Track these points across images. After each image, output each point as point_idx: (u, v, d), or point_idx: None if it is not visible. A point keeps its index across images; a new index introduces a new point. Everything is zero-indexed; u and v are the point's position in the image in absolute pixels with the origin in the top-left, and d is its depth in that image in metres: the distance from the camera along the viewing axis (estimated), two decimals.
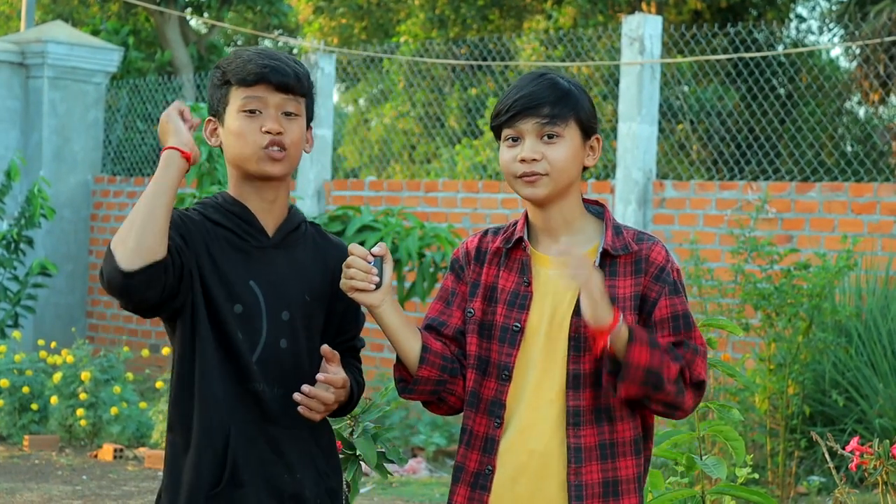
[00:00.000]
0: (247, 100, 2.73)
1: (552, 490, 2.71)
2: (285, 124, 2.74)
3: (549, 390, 2.73)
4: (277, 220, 2.81)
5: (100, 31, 17.68)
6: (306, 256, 2.82)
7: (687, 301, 2.78)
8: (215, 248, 2.73)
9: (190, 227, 2.71)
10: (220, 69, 2.78)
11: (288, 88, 2.74)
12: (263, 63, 2.73)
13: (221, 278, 2.72)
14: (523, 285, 2.77)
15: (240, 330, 2.72)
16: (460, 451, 2.80)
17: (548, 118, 2.72)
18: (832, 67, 15.33)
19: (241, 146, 2.74)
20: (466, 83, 14.52)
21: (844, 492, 4.10)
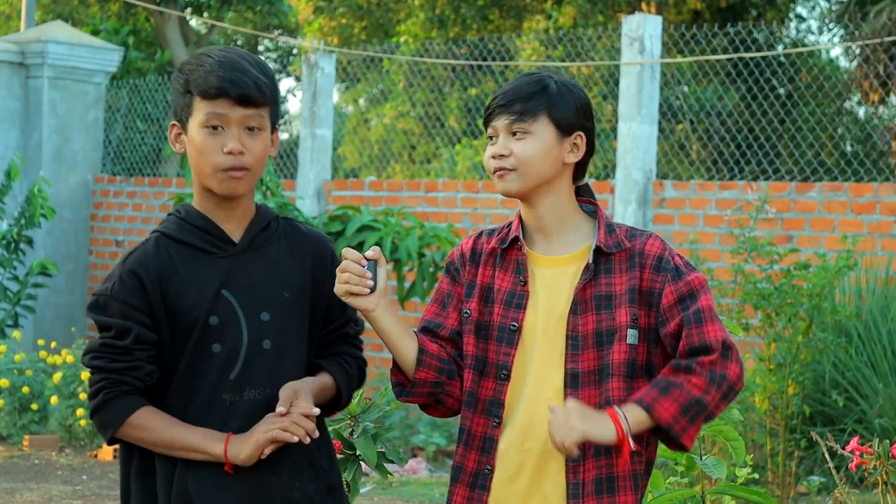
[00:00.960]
0: (209, 115, 2.69)
1: (550, 489, 2.72)
2: (248, 142, 2.70)
3: (548, 389, 2.73)
4: (242, 223, 2.79)
5: (100, 31, 17.67)
6: (279, 254, 2.80)
7: (699, 274, 2.74)
8: (183, 269, 2.73)
9: (140, 296, 2.70)
10: (184, 75, 2.72)
11: (250, 102, 2.69)
12: (225, 76, 2.67)
13: (195, 296, 2.71)
14: (520, 285, 2.77)
15: (218, 341, 2.71)
16: (458, 450, 2.80)
17: (516, 114, 2.75)
18: (832, 67, 15.33)
19: (203, 164, 2.71)
20: (466, 83, 14.52)
21: (844, 492, 4.10)
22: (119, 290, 2.70)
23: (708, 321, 2.66)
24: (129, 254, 2.77)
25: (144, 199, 12.15)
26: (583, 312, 2.73)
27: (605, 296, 2.73)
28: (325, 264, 2.84)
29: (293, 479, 2.75)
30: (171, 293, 2.70)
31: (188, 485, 2.69)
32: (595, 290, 2.74)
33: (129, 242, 12.21)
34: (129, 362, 2.69)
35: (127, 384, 2.69)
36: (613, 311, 2.72)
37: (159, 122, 13.72)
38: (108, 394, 2.69)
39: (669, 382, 2.64)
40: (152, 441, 2.69)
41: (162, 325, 2.70)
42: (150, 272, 2.71)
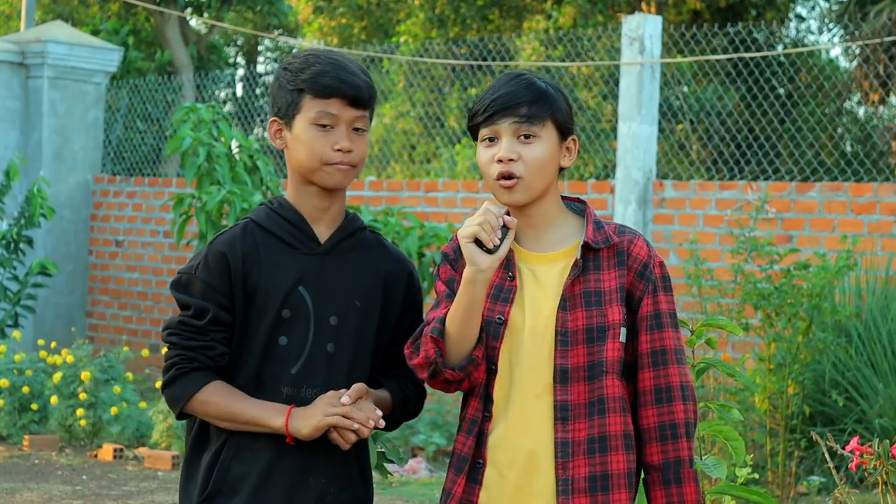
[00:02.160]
0: (320, 113, 2.77)
1: (540, 485, 2.73)
2: (355, 141, 2.79)
3: (537, 385, 2.74)
4: (331, 226, 2.85)
5: (100, 31, 17.68)
6: (360, 263, 2.85)
7: (672, 297, 2.81)
8: (266, 257, 2.79)
9: (223, 277, 2.78)
10: (292, 73, 2.79)
11: (361, 103, 2.78)
12: (339, 76, 2.76)
13: (274, 285, 2.77)
14: (507, 279, 2.79)
15: (286, 335, 2.77)
16: (459, 438, 2.81)
17: (525, 118, 2.74)
18: (832, 67, 15.33)
19: (310, 158, 2.78)
20: (466, 83, 14.52)
21: (844, 492, 4.10)
22: (203, 269, 2.78)
23: (671, 363, 2.76)
24: (217, 236, 2.84)
25: (144, 199, 12.15)
26: (572, 308, 2.74)
27: (594, 291, 2.75)
28: (401, 284, 2.90)
29: (330, 484, 2.79)
30: (251, 278, 2.77)
31: (231, 470, 2.76)
32: (584, 286, 2.76)
33: (129, 242, 12.21)
34: (204, 342, 2.77)
35: (199, 362, 2.77)
36: (604, 307, 2.74)
37: (159, 122, 13.72)
38: (181, 369, 2.77)
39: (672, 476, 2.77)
40: (216, 414, 2.76)
41: (238, 308, 2.77)
42: (236, 254, 2.78)
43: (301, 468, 2.76)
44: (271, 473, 2.76)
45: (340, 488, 2.80)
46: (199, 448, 2.82)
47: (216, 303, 2.76)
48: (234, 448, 2.76)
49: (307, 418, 2.71)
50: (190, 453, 2.83)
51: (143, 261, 12.11)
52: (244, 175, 8.87)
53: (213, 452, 2.78)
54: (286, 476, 2.76)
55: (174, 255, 11.84)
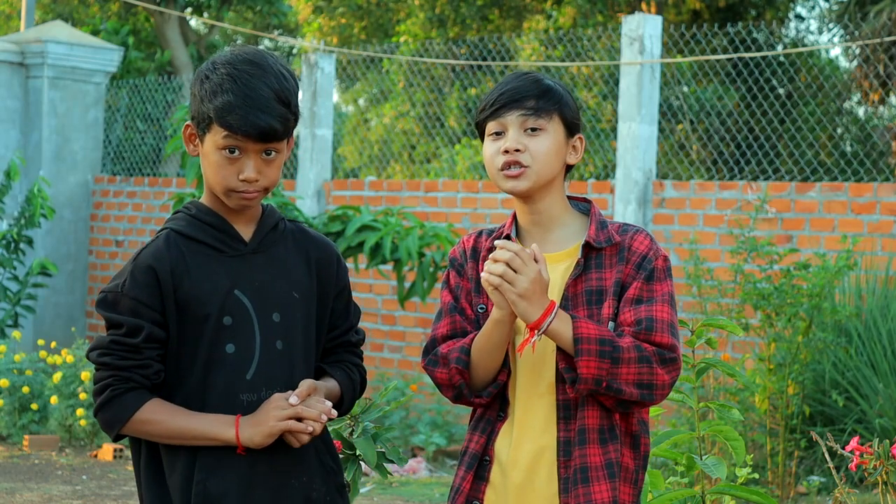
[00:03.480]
0: (227, 139, 2.66)
1: (543, 483, 2.74)
2: (264, 167, 2.69)
3: (541, 385, 2.76)
4: (252, 223, 2.78)
5: (100, 31, 17.68)
6: (287, 254, 2.80)
7: (669, 284, 2.77)
8: (195, 265, 2.72)
9: (153, 293, 2.69)
10: (206, 93, 2.67)
11: (272, 139, 2.68)
12: (246, 116, 2.63)
13: (207, 293, 2.70)
14: None
15: (232, 341, 2.70)
16: (472, 437, 2.82)
17: (532, 110, 2.76)
18: (832, 67, 15.33)
19: (216, 182, 2.70)
20: (466, 83, 14.52)
21: (844, 492, 4.10)
22: (131, 286, 2.69)
23: (657, 331, 2.69)
24: (140, 250, 2.75)
25: (144, 199, 12.15)
26: (573, 307, 2.75)
27: (595, 290, 2.76)
28: (331, 268, 2.84)
29: (311, 481, 2.76)
30: (182, 290, 2.69)
31: (209, 490, 2.68)
32: (586, 284, 2.77)
33: (129, 242, 12.22)
34: (139, 360, 2.68)
35: (135, 381, 2.68)
36: (603, 305, 2.75)
37: (159, 122, 13.72)
38: (115, 390, 2.68)
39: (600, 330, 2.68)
40: (161, 433, 2.68)
41: (171, 322, 2.69)
42: (164, 267, 2.69)
43: (280, 473, 2.72)
44: (252, 485, 2.70)
45: (322, 482, 2.78)
46: (158, 471, 2.73)
47: (149, 319, 2.67)
48: (207, 467, 2.68)
49: (258, 426, 2.65)
50: (149, 479, 2.73)
51: None
52: None
53: (180, 473, 2.69)
54: (267, 485, 2.72)
55: None
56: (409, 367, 10.01)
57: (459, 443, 8.51)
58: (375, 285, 10.31)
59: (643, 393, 2.67)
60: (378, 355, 10.19)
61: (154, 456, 2.73)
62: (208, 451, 2.68)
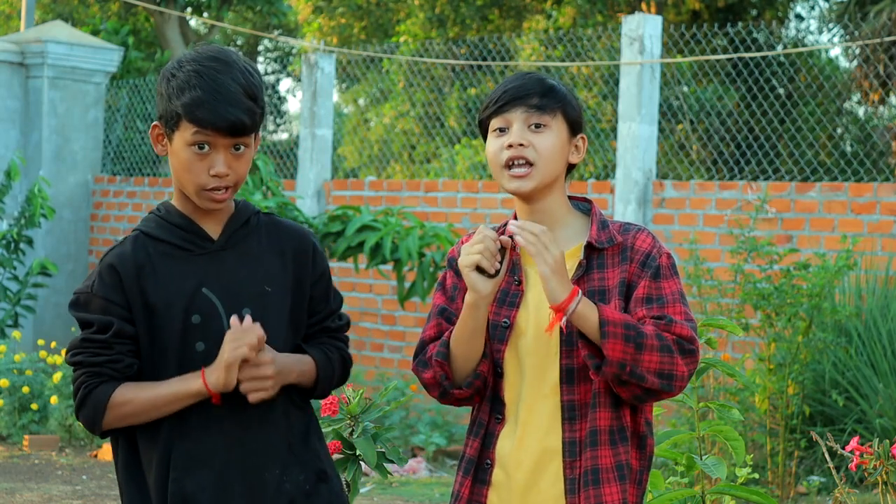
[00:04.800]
0: (196, 135, 2.68)
1: (549, 484, 2.74)
2: (233, 162, 2.71)
3: (544, 386, 2.76)
4: (221, 220, 2.80)
5: (100, 31, 17.68)
6: (260, 249, 2.81)
7: (677, 281, 2.77)
8: (161, 266, 2.75)
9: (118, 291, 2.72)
10: (173, 91, 2.70)
11: (240, 132, 2.70)
12: (215, 109, 2.66)
13: (173, 294, 2.73)
14: (514, 284, 2.80)
15: (202, 339, 2.72)
16: (468, 441, 2.82)
17: (536, 107, 2.76)
18: (832, 67, 15.33)
19: (187, 180, 2.72)
20: (466, 83, 14.52)
21: (844, 492, 4.10)
22: (98, 286, 2.73)
23: (677, 324, 2.69)
24: (107, 252, 2.79)
25: (144, 199, 12.15)
26: None
27: (598, 290, 2.75)
28: (307, 257, 2.85)
29: (283, 473, 2.76)
30: (148, 290, 2.73)
31: (185, 487, 2.70)
32: (588, 285, 2.76)
33: None
34: (109, 355, 2.72)
35: (106, 375, 2.72)
36: (607, 304, 2.74)
37: None
38: (88, 387, 2.72)
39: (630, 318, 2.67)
40: (136, 411, 2.71)
41: (139, 322, 2.73)
42: (128, 268, 2.73)
43: (253, 468, 2.74)
44: (226, 481, 2.72)
45: (297, 471, 2.78)
46: (136, 471, 2.76)
47: (118, 316, 2.71)
48: (181, 464, 2.71)
49: (216, 367, 2.68)
50: (128, 478, 2.77)
51: None
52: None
53: (156, 471, 2.73)
54: (242, 480, 2.73)
55: None
56: (409, 367, 10.00)
57: (459, 443, 8.51)
58: (375, 285, 10.31)
59: (663, 383, 2.66)
60: (378, 355, 10.19)
61: (133, 453, 2.76)
62: (182, 449, 2.71)
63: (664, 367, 2.65)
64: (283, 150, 15.55)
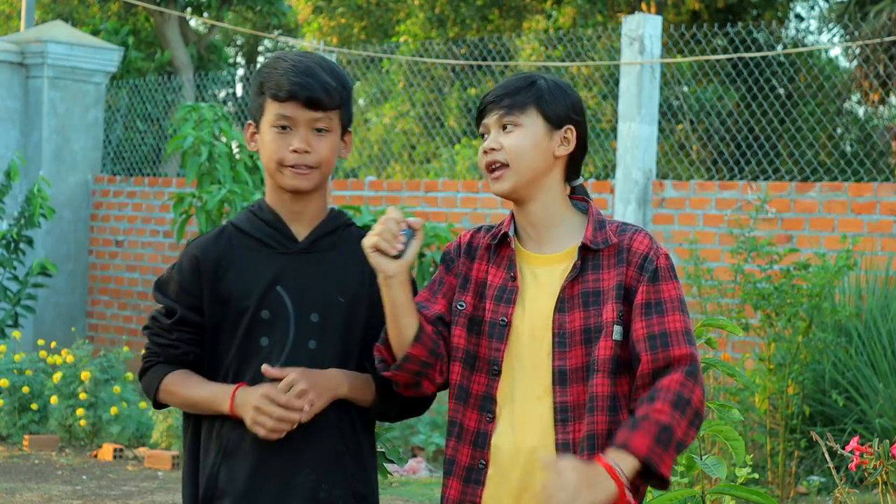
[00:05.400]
0: (278, 116, 2.80)
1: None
2: (314, 142, 2.80)
3: (537, 386, 2.74)
4: (310, 225, 2.87)
5: (100, 31, 17.68)
6: (342, 258, 2.86)
7: (676, 285, 2.75)
8: (242, 259, 2.84)
9: (194, 280, 2.83)
10: (259, 77, 2.84)
11: (318, 105, 2.79)
12: (295, 80, 2.77)
13: (249, 287, 2.81)
14: (510, 280, 2.78)
15: (268, 335, 2.79)
16: (451, 444, 2.79)
17: (506, 108, 2.77)
18: (832, 67, 15.34)
19: (269, 160, 2.82)
20: (466, 83, 14.52)
21: (844, 492, 4.10)
22: (178, 271, 2.86)
23: (674, 344, 2.66)
24: (193, 239, 2.90)
25: (144, 199, 12.15)
26: (569, 310, 2.73)
27: (592, 292, 2.73)
28: None
29: (321, 481, 2.79)
30: (225, 280, 2.81)
31: (220, 474, 2.79)
32: (583, 286, 2.74)
33: (128, 242, 12.22)
34: (168, 340, 2.84)
35: (163, 357, 2.87)
36: (601, 307, 2.72)
37: (159, 122, 13.73)
38: (148, 362, 2.88)
39: (637, 419, 2.62)
40: (179, 403, 2.86)
41: (210, 311, 2.82)
42: (208, 258, 2.83)
43: (289, 467, 2.77)
44: (259, 476, 2.77)
45: (333, 484, 2.80)
46: (197, 451, 2.86)
47: (186, 304, 2.83)
48: (223, 452, 2.79)
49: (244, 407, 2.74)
50: (189, 457, 2.87)
51: (143, 261, 12.12)
52: (245, 174, 8.88)
53: (210, 456, 2.82)
54: (275, 477, 2.77)
55: (174, 255, 11.84)
56: None
57: None
58: None
59: (697, 424, 2.65)
60: None
61: (196, 434, 2.88)
62: (229, 438, 2.80)
63: (693, 420, 2.64)
64: None
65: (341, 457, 2.82)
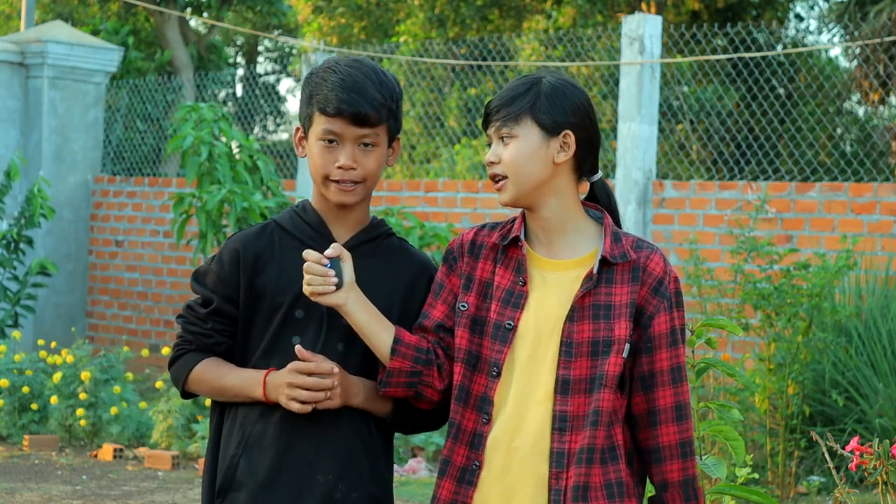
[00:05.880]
0: (325, 130, 2.82)
1: (533, 492, 2.72)
2: (360, 157, 2.82)
3: (537, 392, 2.73)
4: (352, 230, 2.89)
5: (100, 31, 17.68)
6: (379, 266, 2.89)
7: (683, 313, 2.80)
8: (282, 257, 2.87)
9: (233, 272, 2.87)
10: (309, 87, 2.85)
11: (365, 122, 2.80)
12: (343, 97, 2.79)
13: (286, 285, 2.84)
14: (519, 284, 2.76)
15: (300, 334, 2.83)
16: (447, 444, 2.79)
17: (501, 120, 2.77)
18: (832, 67, 15.33)
19: (315, 173, 2.85)
20: (466, 83, 14.53)
21: (844, 492, 4.10)
22: (217, 262, 2.90)
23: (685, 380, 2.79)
24: (235, 233, 2.95)
25: (144, 199, 12.15)
26: (579, 320, 2.72)
27: (603, 305, 2.72)
28: (421, 287, 2.91)
29: (338, 481, 2.81)
30: (263, 275, 2.85)
31: (239, 466, 2.83)
32: (594, 298, 2.73)
33: (128, 242, 12.22)
34: (203, 329, 2.88)
35: (195, 345, 2.90)
36: (612, 321, 2.71)
37: (159, 122, 13.73)
38: (180, 350, 2.91)
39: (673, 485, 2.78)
40: (209, 391, 2.89)
41: (245, 304, 2.86)
42: (249, 252, 2.87)
43: (308, 464, 2.80)
44: (278, 470, 2.80)
45: (350, 486, 2.82)
46: (217, 441, 2.90)
47: (222, 295, 2.86)
48: (245, 444, 2.83)
49: (276, 390, 2.80)
50: (211, 446, 2.91)
51: (143, 261, 12.12)
52: (245, 174, 8.88)
53: (230, 447, 2.85)
54: (293, 473, 2.80)
55: (174, 255, 11.84)
56: None
57: None
58: None
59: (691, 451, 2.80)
60: None
61: (219, 425, 2.91)
62: (251, 430, 2.83)
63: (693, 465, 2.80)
64: (283, 150, 15.55)
65: (358, 458, 2.84)
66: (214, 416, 2.92)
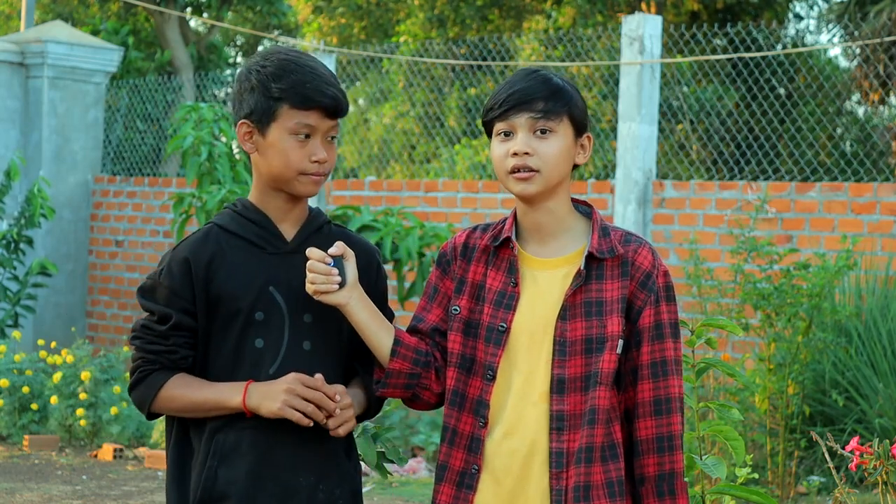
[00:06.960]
0: (299, 125, 2.75)
1: (534, 493, 2.71)
2: (328, 150, 2.79)
3: (533, 392, 2.72)
4: (296, 224, 2.84)
5: (100, 31, 17.68)
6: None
7: (675, 307, 2.78)
8: (233, 259, 2.80)
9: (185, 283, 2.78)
10: (267, 79, 2.75)
11: (338, 114, 2.78)
12: (320, 88, 2.74)
13: (240, 288, 2.78)
14: (510, 286, 2.76)
15: (262, 336, 2.77)
16: (443, 449, 2.78)
17: (541, 113, 2.71)
18: (831, 67, 15.33)
19: (286, 168, 2.77)
20: (466, 83, 14.52)
21: (844, 492, 4.10)
22: (166, 276, 2.80)
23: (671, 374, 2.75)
24: (181, 241, 2.86)
25: (144, 199, 12.15)
26: (571, 318, 2.71)
27: (595, 302, 2.72)
28: (371, 273, 2.88)
29: (319, 482, 2.79)
30: (216, 281, 2.78)
31: (218, 477, 2.75)
32: (585, 295, 2.72)
33: (128, 242, 12.22)
34: (166, 346, 2.79)
35: (160, 364, 2.80)
36: (604, 318, 2.71)
37: (159, 122, 13.72)
38: (143, 371, 2.80)
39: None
40: (181, 407, 2.78)
41: (202, 313, 2.78)
42: (199, 259, 2.78)
43: (289, 468, 2.77)
44: (259, 477, 2.76)
45: (333, 484, 2.80)
46: (183, 456, 2.82)
47: (179, 308, 2.77)
48: (220, 454, 2.76)
49: (266, 398, 2.72)
50: (174, 464, 2.83)
51: (143, 261, 12.12)
52: (245, 175, 8.88)
53: (200, 458, 2.78)
54: (275, 478, 2.76)
55: None
56: None
57: None
58: None
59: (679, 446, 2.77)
60: None
61: (181, 440, 2.82)
62: (222, 440, 2.76)
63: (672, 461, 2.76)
64: None
65: (338, 456, 2.82)
66: (173, 434, 2.83)
